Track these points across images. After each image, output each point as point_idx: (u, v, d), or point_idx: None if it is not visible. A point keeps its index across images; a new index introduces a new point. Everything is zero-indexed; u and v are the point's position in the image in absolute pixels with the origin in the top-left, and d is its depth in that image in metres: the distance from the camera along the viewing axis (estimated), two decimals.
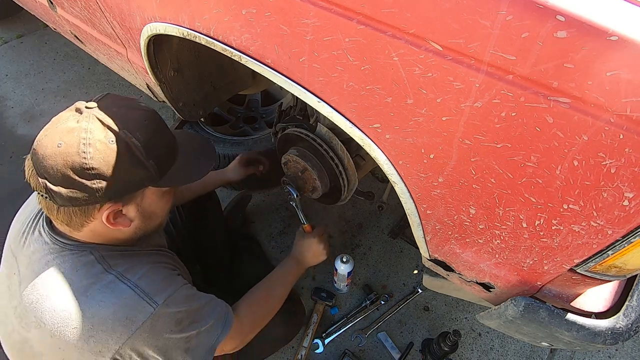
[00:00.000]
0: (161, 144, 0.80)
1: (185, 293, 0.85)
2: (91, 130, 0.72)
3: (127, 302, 0.76)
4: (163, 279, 0.84)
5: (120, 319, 0.75)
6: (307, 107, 1.25)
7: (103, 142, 0.72)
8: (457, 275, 0.86)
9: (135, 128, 0.75)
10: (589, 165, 0.51)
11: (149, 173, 0.77)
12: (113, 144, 0.73)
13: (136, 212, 0.81)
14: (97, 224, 0.78)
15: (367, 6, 0.56)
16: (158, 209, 0.86)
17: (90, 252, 0.80)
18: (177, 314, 0.81)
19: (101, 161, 0.71)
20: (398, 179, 0.72)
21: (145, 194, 0.81)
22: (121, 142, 0.73)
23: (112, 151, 0.72)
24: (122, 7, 1.06)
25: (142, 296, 0.77)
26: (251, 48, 0.76)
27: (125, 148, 0.73)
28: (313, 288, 1.62)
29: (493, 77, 0.51)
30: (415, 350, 1.50)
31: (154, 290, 0.79)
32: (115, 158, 0.72)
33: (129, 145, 0.74)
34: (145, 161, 0.76)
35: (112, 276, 0.78)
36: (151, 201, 0.83)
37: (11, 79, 2.54)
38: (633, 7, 0.44)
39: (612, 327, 0.69)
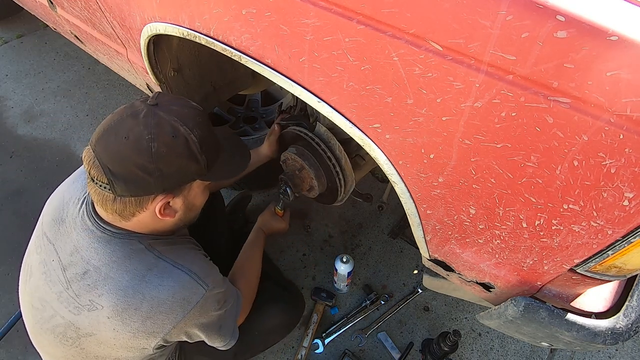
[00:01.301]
0: (211, 140, 0.85)
1: (220, 276, 0.95)
2: (155, 125, 0.76)
3: (185, 284, 0.83)
4: (206, 264, 0.92)
5: (178, 300, 0.82)
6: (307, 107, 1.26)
7: (167, 137, 0.76)
8: (457, 275, 0.86)
9: (194, 124, 0.80)
10: (589, 165, 0.51)
11: (200, 167, 0.82)
12: (175, 138, 0.77)
13: (182, 203, 0.86)
14: (147, 214, 0.82)
15: (367, 6, 0.56)
16: (198, 202, 0.91)
17: (138, 240, 0.85)
18: (218, 295, 0.91)
19: (163, 153, 0.76)
20: (398, 179, 0.72)
21: (193, 187, 0.86)
22: (182, 138, 0.78)
23: (175, 145, 0.77)
24: (122, 7, 1.06)
25: (196, 279, 0.85)
26: (251, 48, 0.76)
27: (185, 143, 0.78)
28: (313, 288, 1.62)
29: (493, 77, 0.51)
30: (415, 350, 1.50)
31: (204, 274, 0.87)
32: (177, 152, 0.77)
33: (188, 140, 0.78)
34: (199, 156, 0.80)
35: (167, 263, 0.84)
36: (195, 194, 0.88)
37: (11, 79, 2.54)
38: (633, 7, 0.44)
39: (612, 327, 0.69)
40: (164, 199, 0.81)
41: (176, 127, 0.78)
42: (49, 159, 2.10)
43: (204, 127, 0.83)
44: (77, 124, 2.24)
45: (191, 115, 0.81)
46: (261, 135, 1.77)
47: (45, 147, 2.15)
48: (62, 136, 2.19)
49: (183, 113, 0.81)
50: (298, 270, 1.70)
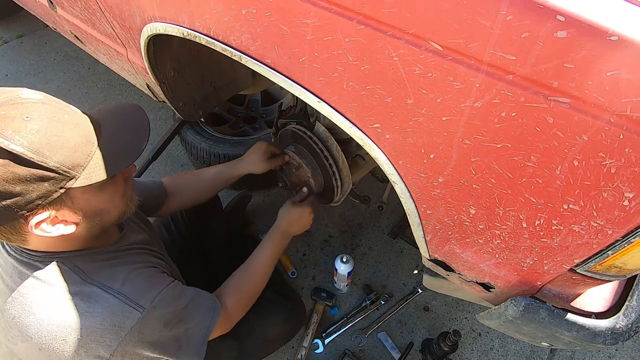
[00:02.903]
0: (62, 138, 0.67)
1: (172, 292, 0.83)
2: None
3: (114, 309, 0.75)
4: (147, 282, 0.81)
5: (109, 327, 0.74)
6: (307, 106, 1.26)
7: None
8: (457, 275, 0.86)
9: (15, 130, 0.62)
10: (589, 165, 0.51)
11: (58, 175, 0.66)
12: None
13: (74, 214, 0.72)
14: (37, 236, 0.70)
15: (367, 6, 0.56)
16: (103, 204, 0.76)
17: (61, 261, 0.76)
18: (164, 315, 0.81)
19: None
20: (398, 179, 0.72)
21: (73, 195, 0.70)
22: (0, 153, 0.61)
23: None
24: (122, 7, 1.06)
25: (127, 302, 0.76)
26: (251, 48, 0.76)
27: (8, 159, 0.62)
28: (313, 288, 1.62)
29: (493, 77, 0.51)
30: (415, 350, 1.50)
31: (139, 295, 0.78)
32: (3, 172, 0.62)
33: (11, 153, 0.61)
34: (43, 164, 0.64)
35: (94, 287, 0.75)
36: (86, 200, 0.72)
37: (11, 79, 2.54)
38: (633, 7, 0.44)
39: (612, 327, 0.69)
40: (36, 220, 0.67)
41: None
42: None
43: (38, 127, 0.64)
44: None
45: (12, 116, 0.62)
46: (261, 136, 1.77)
47: None
48: None
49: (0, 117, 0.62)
50: (298, 270, 1.70)
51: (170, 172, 2.06)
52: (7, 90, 0.67)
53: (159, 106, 2.35)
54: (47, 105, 0.68)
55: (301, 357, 1.45)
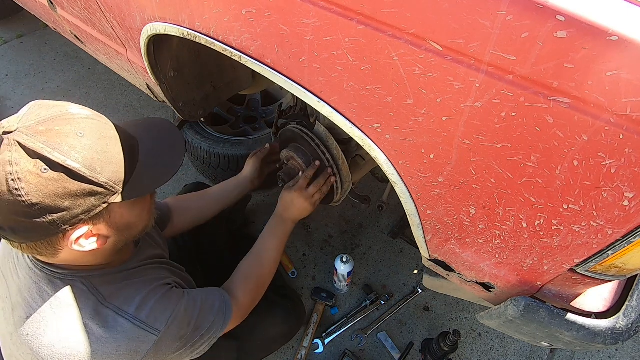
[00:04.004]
0: (110, 154, 0.68)
1: (184, 307, 0.84)
2: (16, 161, 0.60)
3: (130, 335, 0.75)
4: (161, 304, 0.81)
5: (124, 353, 0.74)
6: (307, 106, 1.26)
7: (34, 174, 0.60)
8: (457, 275, 0.86)
9: (70, 146, 0.63)
10: (589, 165, 0.51)
11: (105, 190, 0.67)
12: (46, 172, 0.61)
13: (108, 228, 0.72)
14: (70, 251, 0.70)
15: (367, 6, 0.56)
16: (134, 218, 0.77)
17: (81, 282, 0.76)
18: (179, 332, 0.82)
19: (39, 194, 0.61)
20: (398, 179, 0.72)
21: (111, 210, 0.71)
22: (56, 168, 0.61)
23: (49, 181, 0.61)
24: (122, 7, 1.06)
25: (143, 327, 0.76)
26: (251, 48, 0.76)
27: (63, 174, 0.62)
28: (313, 288, 1.62)
29: (493, 77, 0.51)
30: (415, 350, 1.50)
31: (154, 318, 0.78)
32: (55, 187, 0.62)
33: (67, 169, 0.62)
34: (94, 179, 0.65)
35: (110, 311, 0.75)
36: (121, 214, 0.73)
37: (11, 79, 2.54)
38: (633, 7, 0.44)
39: (612, 327, 0.69)
40: (76, 234, 0.67)
41: (44, 157, 0.61)
42: None
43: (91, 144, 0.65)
44: None
45: (66, 133, 0.63)
46: (261, 136, 1.77)
47: None
48: None
49: (54, 133, 0.62)
50: (298, 270, 1.70)
51: None
52: (55, 104, 0.68)
53: (159, 106, 2.35)
54: (96, 121, 0.70)
55: (301, 357, 1.45)
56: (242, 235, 1.78)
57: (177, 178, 2.03)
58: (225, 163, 1.70)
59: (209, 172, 1.85)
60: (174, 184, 1.99)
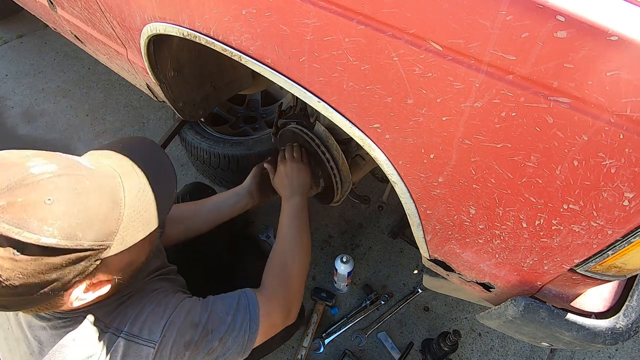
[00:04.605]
0: (90, 212, 0.61)
1: (185, 311, 0.80)
2: None
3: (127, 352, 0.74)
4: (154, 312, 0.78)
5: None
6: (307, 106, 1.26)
7: (7, 258, 0.54)
8: (457, 275, 0.86)
9: (40, 220, 0.55)
10: (589, 165, 0.51)
11: (93, 252, 0.61)
12: (19, 254, 0.55)
13: (109, 274, 0.68)
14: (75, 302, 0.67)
15: (367, 6, 0.56)
16: (135, 257, 0.71)
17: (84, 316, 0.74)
18: (182, 337, 0.77)
19: (21, 277, 0.56)
20: (398, 179, 0.72)
21: (108, 262, 0.65)
22: (29, 250, 0.55)
23: (26, 262, 0.55)
24: (122, 7, 1.06)
25: (137, 341, 0.75)
26: (251, 48, 0.76)
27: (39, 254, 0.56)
28: (313, 288, 1.62)
29: (493, 77, 0.51)
30: (415, 350, 1.50)
31: (148, 330, 0.76)
32: (35, 266, 0.56)
33: (42, 247, 0.56)
34: (79, 247, 0.59)
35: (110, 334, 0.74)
36: (119, 259, 0.67)
37: (11, 79, 2.54)
38: (633, 7, 0.44)
39: (612, 327, 0.69)
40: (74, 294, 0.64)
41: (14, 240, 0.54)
42: None
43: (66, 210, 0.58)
44: (77, 124, 2.24)
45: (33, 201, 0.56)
46: (261, 136, 1.77)
47: (45, 147, 2.14)
48: (62, 136, 2.19)
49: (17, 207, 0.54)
50: None
51: None
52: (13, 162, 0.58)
53: (159, 106, 2.35)
54: (65, 176, 0.61)
55: (301, 357, 1.45)
56: (242, 236, 1.78)
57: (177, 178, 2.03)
58: (225, 163, 1.70)
59: (209, 172, 1.85)
60: None
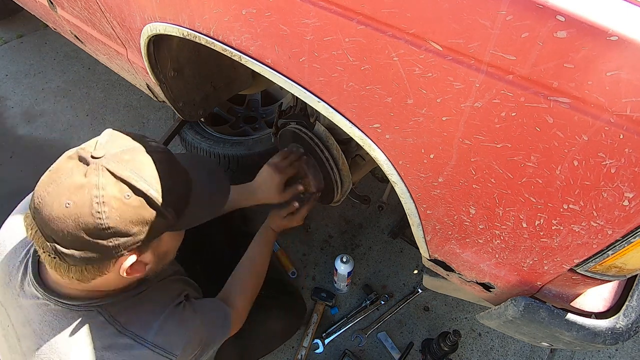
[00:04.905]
0: (177, 187, 0.74)
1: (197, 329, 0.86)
2: (103, 185, 0.64)
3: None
4: (177, 329, 0.82)
5: None
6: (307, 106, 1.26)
7: (118, 199, 0.65)
8: (457, 275, 0.86)
9: (152, 176, 0.69)
10: (589, 165, 0.51)
11: (168, 221, 0.72)
12: (129, 198, 0.66)
13: (152, 256, 0.76)
14: (111, 276, 0.72)
15: (367, 6, 0.56)
16: (172, 248, 0.81)
17: (97, 312, 0.76)
18: (192, 353, 0.85)
19: (118, 219, 0.65)
20: (398, 179, 0.72)
21: (162, 239, 0.75)
22: (138, 195, 0.67)
23: (130, 207, 0.66)
24: (122, 7, 1.06)
25: (161, 353, 0.78)
26: (251, 48, 0.76)
27: (142, 201, 0.67)
28: (313, 288, 1.62)
29: (493, 77, 0.51)
30: (415, 350, 1.50)
31: (171, 344, 0.79)
32: (133, 213, 0.66)
33: (147, 197, 0.67)
34: (164, 210, 0.70)
35: (128, 338, 0.76)
36: (167, 243, 0.78)
37: (11, 79, 2.54)
38: (633, 7, 0.44)
39: (612, 327, 0.69)
40: (129, 261, 0.70)
41: (130, 184, 0.66)
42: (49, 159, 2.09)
43: (167, 176, 0.71)
44: (77, 124, 2.24)
45: (149, 164, 0.69)
46: (261, 136, 1.77)
47: (45, 147, 2.15)
48: (62, 136, 2.19)
49: (138, 163, 0.68)
50: (298, 270, 1.70)
51: None
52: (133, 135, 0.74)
53: (159, 106, 2.35)
54: (168, 154, 0.76)
55: (301, 357, 1.45)
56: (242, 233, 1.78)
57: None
58: (225, 163, 1.70)
59: None
60: None
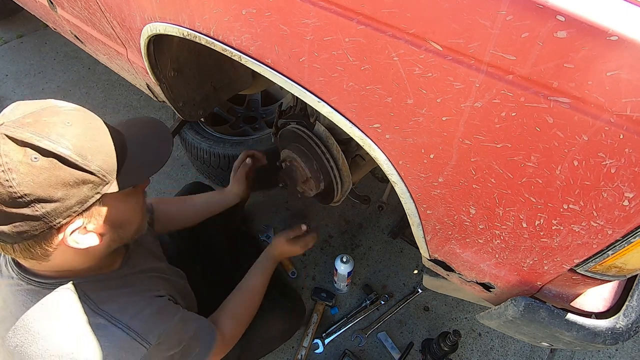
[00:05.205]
0: (99, 143, 0.69)
1: (177, 326, 0.84)
2: (6, 152, 0.60)
3: (121, 344, 0.74)
4: (155, 316, 0.80)
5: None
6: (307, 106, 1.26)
7: (25, 163, 0.61)
8: (457, 275, 0.86)
9: (59, 134, 0.64)
10: (589, 165, 0.51)
11: (97, 179, 0.67)
12: (37, 160, 0.61)
13: (102, 224, 0.72)
14: (64, 250, 0.70)
15: (367, 6, 0.56)
16: (128, 213, 0.77)
17: (70, 290, 0.74)
18: (168, 351, 0.81)
19: (31, 184, 0.61)
20: (398, 179, 0.72)
21: (105, 202, 0.70)
22: (47, 156, 0.62)
23: (40, 169, 0.61)
24: (122, 7, 1.06)
25: (134, 337, 0.75)
26: (251, 48, 0.76)
27: (54, 161, 0.63)
28: (313, 288, 1.63)
29: (493, 77, 0.51)
30: (415, 350, 1.50)
31: (147, 330, 0.77)
32: (47, 176, 0.62)
33: (58, 156, 0.63)
34: (86, 167, 0.65)
35: (103, 319, 0.74)
36: (115, 208, 0.73)
37: (11, 79, 2.54)
38: (633, 7, 0.44)
39: (612, 327, 0.69)
40: (70, 228, 0.67)
41: (34, 145, 0.61)
42: None
43: (80, 132, 0.66)
44: None
45: (54, 122, 0.64)
46: (261, 136, 1.78)
47: None
48: None
49: (43, 124, 0.63)
50: (298, 270, 1.70)
51: (170, 172, 2.06)
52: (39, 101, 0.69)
53: (159, 106, 2.35)
54: (82, 112, 0.71)
55: (301, 357, 1.45)
56: (241, 234, 1.78)
57: (177, 178, 2.03)
58: (225, 163, 1.70)
59: (209, 172, 1.85)
60: (174, 183, 1.99)
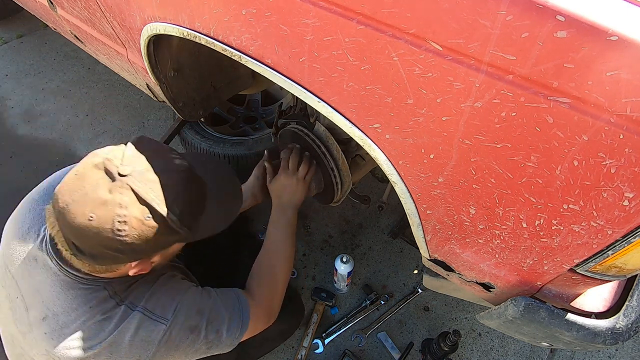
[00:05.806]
0: (194, 205, 0.77)
1: (192, 297, 0.87)
2: (126, 205, 0.67)
3: (139, 324, 0.79)
4: (168, 293, 0.85)
5: (137, 342, 0.78)
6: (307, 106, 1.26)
7: (139, 220, 0.68)
8: (457, 275, 0.86)
9: (173, 199, 0.71)
10: (589, 165, 0.51)
11: (181, 237, 0.76)
12: (150, 220, 0.69)
13: (159, 259, 0.80)
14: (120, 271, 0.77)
15: (367, 6, 0.56)
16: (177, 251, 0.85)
17: (104, 287, 0.79)
18: (189, 321, 0.84)
19: (136, 237, 0.68)
20: (398, 179, 0.72)
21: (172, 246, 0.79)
22: (158, 217, 0.70)
23: (149, 227, 0.69)
24: (122, 7, 1.06)
25: (151, 317, 0.80)
26: (251, 48, 0.76)
27: (161, 223, 0.70)
28: (313, 288, 1.62)
29: (493, 77, 0.51)
30: (415, 350, 1.50)
31: (161, 307, 0.82)
32: (151, 234, 0.70)
33: (166, 219, 0.70)
34: (180, 229, 0.73)
35: (124, 306, 0.80)
36: (175, 248, 0.81)
37: (11, 79, 2.53)
38: (633, 7, 0.44)
39: (612, 327, 0.69)
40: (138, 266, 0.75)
41: (152, 207, 0.69)
42: (49, 159, 2.10)
43: (187, 197, 0.74)
44: (77, 124, 2.24)
45: (171, 185, 0.72)
46: (261, 136, 1.78)
47: (45, 147, 2.15)
48: (62, 136, 2.19)
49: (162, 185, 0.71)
50: (298, 270, 1.70)
51: None
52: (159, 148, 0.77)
53: (159, 106, 2.35)
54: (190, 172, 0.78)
55: (301, 357, 1.45)
56: (243, 234, 1.78)
57: None
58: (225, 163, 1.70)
59: None
60: None
